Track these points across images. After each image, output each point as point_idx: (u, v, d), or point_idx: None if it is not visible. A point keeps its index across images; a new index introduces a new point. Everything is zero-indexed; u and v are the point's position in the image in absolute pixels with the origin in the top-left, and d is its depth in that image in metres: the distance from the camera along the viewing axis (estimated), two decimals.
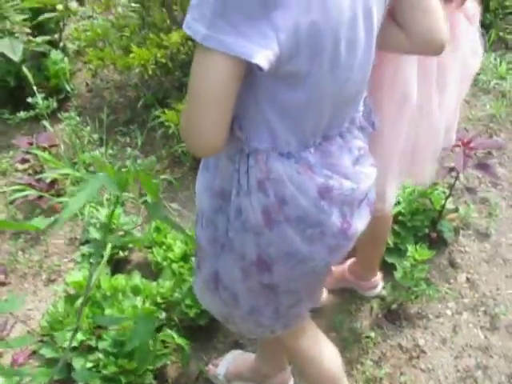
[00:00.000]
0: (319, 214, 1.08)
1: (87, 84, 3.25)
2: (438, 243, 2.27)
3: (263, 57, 0.84)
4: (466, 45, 1.50)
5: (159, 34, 2.54)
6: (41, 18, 2.95)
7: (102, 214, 2.17)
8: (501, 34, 3.67)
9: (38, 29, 3.03)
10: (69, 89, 3.03)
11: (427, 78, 1.45)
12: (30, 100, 2.70)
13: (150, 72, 2.51)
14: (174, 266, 1.94)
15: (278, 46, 0.85)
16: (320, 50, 0.90)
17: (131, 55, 2.50)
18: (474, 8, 1.53)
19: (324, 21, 0.88)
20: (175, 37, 2.47)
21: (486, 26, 3.63)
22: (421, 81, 1.42)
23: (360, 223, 1.19)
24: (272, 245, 1.09)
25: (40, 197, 2.34)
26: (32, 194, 2.31)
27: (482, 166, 2.03)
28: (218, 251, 1.17)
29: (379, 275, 2.07)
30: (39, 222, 0.95)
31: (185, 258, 1.97)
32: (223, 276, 1.19)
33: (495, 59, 3.41)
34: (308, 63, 0.91)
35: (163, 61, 2.50)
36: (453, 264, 2.26)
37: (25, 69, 2.66)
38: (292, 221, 1.07)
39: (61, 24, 3.23)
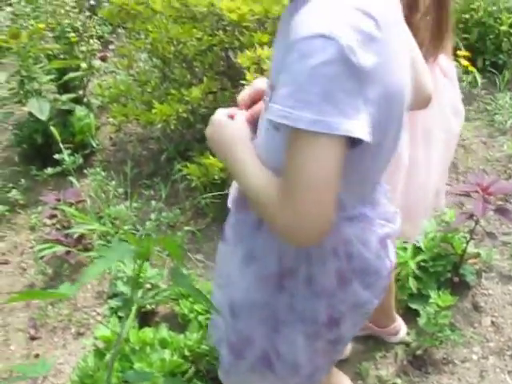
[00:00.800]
0: (379, 262, 1.13)
1: (111, 138, 3.36)
2: (460, 287, 2.28)
3: (366, 131, 0.86)
4: (447, 102, 1.56)
5: (180, 90, 2.63)
6: (66, 77, 3.08)
7: (129, 268, 2.22)
8: None
9: (64, 87, 3.16)
10: (94, 144, 3.13)
11: (413, 139, 1.50)
12: (56, 156, 2.80)
13: (172, 126, 2.61)
14: (201, 317, 1.98)
15: (371, 118, 0.88)
16: (391, 119, 0.97)
17: (153, 111, 2.59)
18: (448, 63, 1.59)
19: (398, 90, 0.95)
20: (196, 92, 2.56)
21: (499, 67, 3.70)
22: (407, 141, 1.47)
23: (394, 259, 1.23)
24: (343, 302, 1.12)
25: (68, 252, 2.40)
26: (60, 250, 2.38)
27: (502, 211, 2.06)
28: (271, 331, 1.16)
29: (399, 321, 2.09)
30: (66, 288, 0.99)
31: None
32: (282, 350, 1.18)
33: (511, 99, 3.45)
34: (383, 133, 0.96)
35: (184, 115, 2.59)
36: (477, 307, 2.26)
37: (52, 127, 2.76)
38: (358, 274, 1.10)
39: (85, 80, 3.36)
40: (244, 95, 1.16)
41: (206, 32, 2.55)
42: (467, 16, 3.66)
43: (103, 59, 3.81)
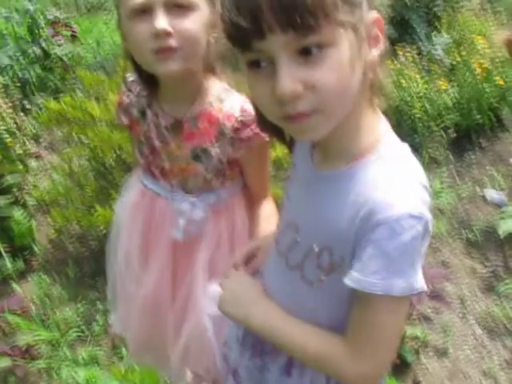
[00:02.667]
0: None
1: (50, 239, 3.35)
2: (402, 368, 2.40)
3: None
4: None
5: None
6: (3, 182, 3.10)
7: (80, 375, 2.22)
8: (430, 151, 4.04)
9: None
10: (35, 247, 3.13)
11: None
12: None
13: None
14: None
15: None
16: None
17: (96, 214, 2.65)
18: None
19: None
20: None
21: (417, 148, 4.01)
22: None
23: None
24: None
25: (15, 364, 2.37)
26: (6, 363, 2.35)
27: (437, 298, 2.23)
28: None
29: None
30: None
31: None
32: None
33: (429, 179, 3.73)
34: None
35: None
36: None
37: None
38: None
39: (21, 182, 3.38)
40: (237, 259, 1.26)
41: None
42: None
43: (38, 157, 3.85)
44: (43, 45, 4.48)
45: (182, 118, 1.40)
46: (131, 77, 1.48)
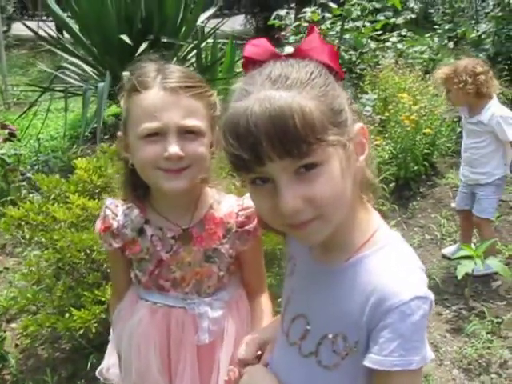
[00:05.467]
0: None
1: (17, 345, 3.26)
2: None
3: None
4: None
5: (93, 291, 2.70)
6: None
7: None
8: (376, 206, 4.23)
9: None
10: (5, 357, 3.03)
11: None
12: None
13: (94, 330, 2.64)
14: None
15: None
16: None
17: (74, 317, 2.61)
18: None
19: None
20: (110, 291, 2.64)
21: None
22: None
23: None
24: None
25: None
26: None
27: None
28: None
29: None
30: None
31: None
32: None
33: None
34: None
35: (103, 316, 2.64)
36: None
37: None
38: None
39: None
40: (248, 354, 1.29)
41: None
42: None
43: None
44: None
45: (189, 225, 1.47)
46: (112, 202, 1.53)
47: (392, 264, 1.06)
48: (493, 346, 3.04)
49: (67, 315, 2.71)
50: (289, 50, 1.02)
